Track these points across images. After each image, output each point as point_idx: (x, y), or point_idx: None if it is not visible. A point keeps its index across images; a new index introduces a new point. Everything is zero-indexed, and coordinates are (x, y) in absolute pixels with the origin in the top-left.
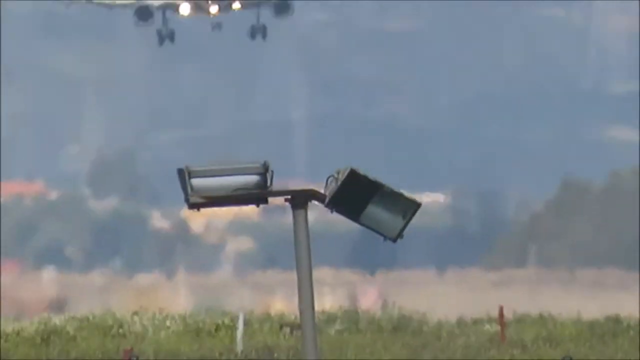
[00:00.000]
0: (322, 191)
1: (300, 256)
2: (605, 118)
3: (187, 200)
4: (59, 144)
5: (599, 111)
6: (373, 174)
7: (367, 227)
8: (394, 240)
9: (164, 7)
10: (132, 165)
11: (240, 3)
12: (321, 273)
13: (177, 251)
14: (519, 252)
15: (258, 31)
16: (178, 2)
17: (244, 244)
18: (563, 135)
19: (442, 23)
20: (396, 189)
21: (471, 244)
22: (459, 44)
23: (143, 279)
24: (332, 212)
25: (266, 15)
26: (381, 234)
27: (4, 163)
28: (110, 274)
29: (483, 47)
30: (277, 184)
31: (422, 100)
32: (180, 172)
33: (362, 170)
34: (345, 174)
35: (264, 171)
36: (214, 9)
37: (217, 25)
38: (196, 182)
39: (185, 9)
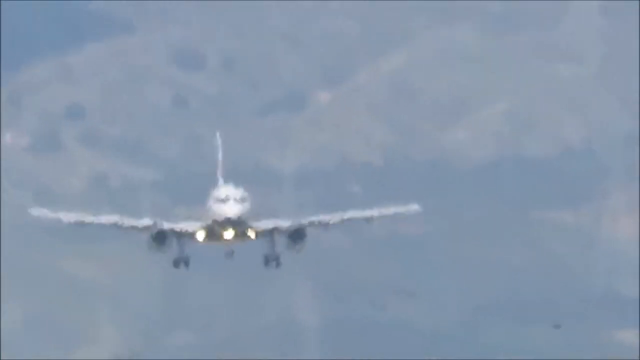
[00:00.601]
0: None
1: None
2: (613, 322)
3: None
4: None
5: (608, 315)
6: None
7: None
8: None
9: (179, 235)
10: None
11: (255, 232)
12: None
13: None
14: None
15: (272, 259)
16: (194, 229)
17: None
18: (571, 339)
19: (450, 226)
20: None
21: None
22: (467, 248)
23: None
24: None
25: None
26: None
27: None
28: None
29: (491, 251)
30: None
31: (432, 304)
32: None
33: None
34: None
35: None
36: (229, 235)
37: (229, 253)
38: None
39: (201, 236)
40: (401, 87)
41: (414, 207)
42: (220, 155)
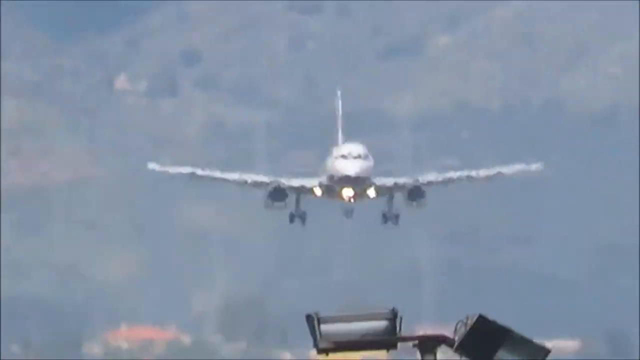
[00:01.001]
0: (450, 336)
1: None
2: None
3: (316, 345)
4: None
5: None
6: (501, 320)
7: None
8: None
9: (297, 191)
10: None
11: (375, 190)
12: None
13: None
14: None
15: (390, 217)
16: (312, 185)
17: None
18: None
19: (569, 169)
20: (526, 335)
21: None
22: (587, 190)
23: None
24: (461, 357)
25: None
26: None
27: (133, 308)
28: None
29: (612, 194)
30: (405, 328)
31: (550, 247)
32: (309, 318)
33: (490, 316)
34: (474, 319)
35: (393, 317)
36: (348, 193)
37: (349, 211)
38: (325, 328)
39: (319, 192)
40: (520, 30)
41: (537, 165)
42: (340, 112)
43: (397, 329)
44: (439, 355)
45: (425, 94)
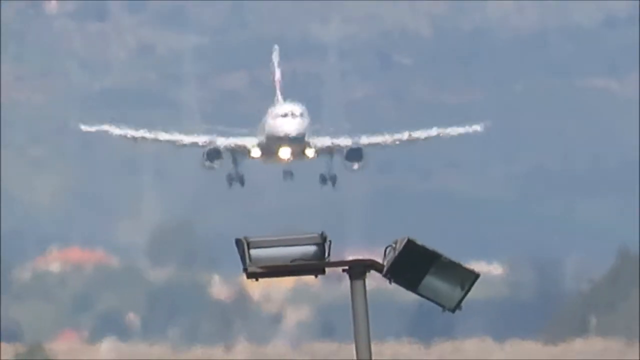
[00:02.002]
0: (380, 261)
1: (359, 326)
2: None
3: (245, 270)
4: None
5: None
6: (431, 244)
7: (426, 297)
8: (453, 311)
9: (234, 151)
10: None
11: (315, 150)
12: (378, 343)
13: (235, 320)
14: (577, 322)
15: (328, 178)
16: (248, 145)
17: (303, 312)
18: (619, 207)
19: (496, 96)
20: (454, 259)
21: (529, 315)
22: (514, 117)
23: (201, 350)
24: (390, 282)
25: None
26: (440, 305)
27: (63, 230)
28: (167, 343)
29: (538, 120)
30: (335, 253)
31: (478, 172)
32: (239, 242)
33: (419, 240)
34: (403, 243)
35: (322, 241)
36: (285, 153)
37: (288, 173)
38: (255, 252)
39: (256, 152)
40: None
41: (477, 127)
42: (278, 72)
43: (326, 254)
44: (368, 280)
45: (352, 20)
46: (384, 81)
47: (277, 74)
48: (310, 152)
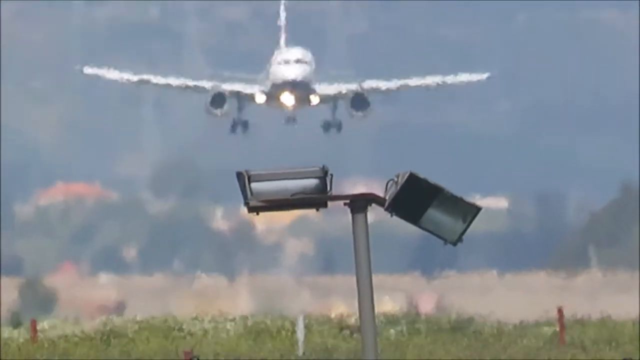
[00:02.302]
0: (381, 195)
1: (360, 259)
2: None
3: (246, 204)
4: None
5: None
6: (433, 179)
7: (427, 230)
8: (454, 244)
9: (239, 96)
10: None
11: (319, 97)
12: (380, 276)
13: (237, 252)
14: (579, 255)
15: (333, 125)
16: (253, 91)
17: (304, 245)
18: (621, 142)
19: (498, 30)
20: (456, 193)
21: (531, 248)
22: (515, 50)
23: (203, 280)
24: (391, 215)
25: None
26: (441, 238)
27: (63, 165)
28: (168, 274)
29: (540, 53)
30: (337, 187)
31: (480, 107)
32: (240, 175)
33: (421, 174)
34: (405, 177)
35: (323, 175)
36: (289, 100)
37: (291, 119)
38: (256, 186)
39: (261, 98)
40: None
41: (484, 75)
42: (283, 19)
43: (328, 187)
44: (369, 214)
45: None
46: (387, 19)
47: (283, 18)
48: (314, 99)
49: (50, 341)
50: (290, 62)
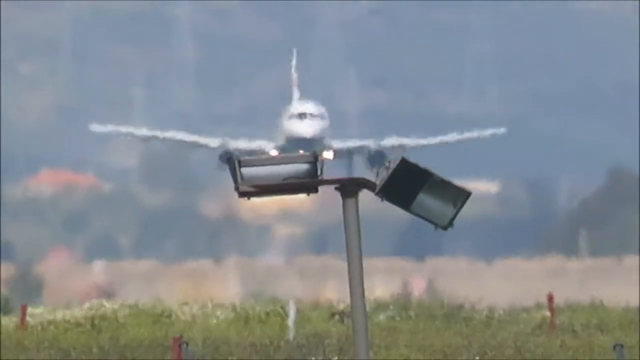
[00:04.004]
0: (372, 180)
1: (351, 244)
2: None
3: (237, 189)
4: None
5: None
6: (424, 164)
7: (418, 215)
8: (445, 229)
9: (250, 153)
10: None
11: (333, 152)
12: (370, 260)
13: (226, 236)
14: (569, 240)
15: None
16: (266, 148)
17: (294, 229)
18: (612, 127)
19: (490, 15)
20: (446, 178)
21: (521, 233)
22: (507, 37)
23: (192, 265)
24: (382, 200)
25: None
26: (432, 222)
27: (53, 152)
28: (158, 260)
29: (532, 40)
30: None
31: (472, 92)
32: (230, 160)
33: (412, 159)
34: (396, 162)
35: (314, 160)
36: None
37: None
38: (246, 171)
39: (273, 153)
40: None
41: (501, 130)
42: (295, 73)
43: (319, 172)
44: (360, 198)
45: None
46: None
47: (294, 76)
48: (329, 155)
49: (40, 327)
50: (304, 118)
